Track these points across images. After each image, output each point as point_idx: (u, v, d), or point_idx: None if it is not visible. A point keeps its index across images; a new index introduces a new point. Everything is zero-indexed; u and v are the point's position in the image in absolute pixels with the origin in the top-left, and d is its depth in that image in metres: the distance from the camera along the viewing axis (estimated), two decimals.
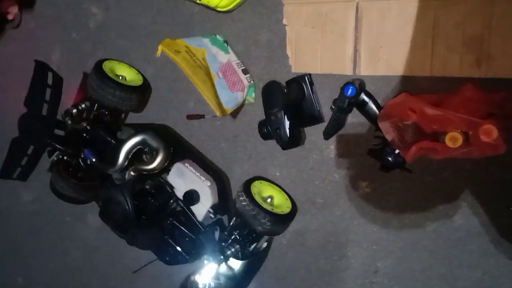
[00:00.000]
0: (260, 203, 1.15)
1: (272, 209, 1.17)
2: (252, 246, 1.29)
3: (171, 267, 1.41)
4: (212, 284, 1.23)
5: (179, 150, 1.37)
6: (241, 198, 1.16)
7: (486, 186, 1.08)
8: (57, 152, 1.36)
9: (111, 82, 1.27)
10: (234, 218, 1.27)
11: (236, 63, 1.26)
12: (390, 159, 1.07)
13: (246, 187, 1.19)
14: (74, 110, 1.33)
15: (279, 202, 1.26)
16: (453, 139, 0.90)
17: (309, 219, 1.30)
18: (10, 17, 1.53)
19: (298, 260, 1.34)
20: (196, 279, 1.26)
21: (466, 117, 0.88)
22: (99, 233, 1.68)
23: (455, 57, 1.02)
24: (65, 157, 1.37)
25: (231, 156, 1.38)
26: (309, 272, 1.33)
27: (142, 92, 1.39)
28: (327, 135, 1.20)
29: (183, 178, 1.32)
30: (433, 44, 1.04)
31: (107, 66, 1.33)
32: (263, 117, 1.21)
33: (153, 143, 1.29)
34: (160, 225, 1.33)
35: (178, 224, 1.33)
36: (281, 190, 1.30)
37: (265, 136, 1.23)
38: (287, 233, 1.32)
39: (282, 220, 1.19)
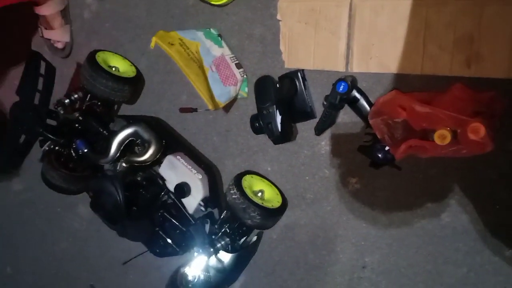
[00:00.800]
0: (251, 197, 1.16)
1: (262, 203, 1.18)
2: (242, 240, 1.30)
3: (161, 259, 1.42)
4: (202, 276, 1.24)
5: (171, 142, 1.37)
6: (231, 192, 1.17)
7: (473, 184, 1.10)
8: (49, 142, 1.35)
9: (104, 73, 1.27)
10: (225, 212, 1.28)
11: (230, 57, 1.26)
12: (380, 155, 1.09)
13: (237, 181, 1.20)
14: (67, 100, 1.33)
15: (270, 196, 1.27)
16: (442, 137, 0.91)
17: (299, 214, 1.31)
18: (59, 45, 1.52)
19: (287, 255, 1.35)
20: (185, 271, 1.26)
21: (454, 115, 0.89)
22: (89, 224, 1.68)
23: (445, 56, 1.03)
24: (56, 147, 1.37)
25: (222, 150, 1.39)
26: (298, 266, 1.34)
27: (135, 84, 1.39)
28: (318, 131, 1.21)
29: (175, 171, 1.33)
30: (425, 43, 1.05)
31: (100, 57, 1.33)
32: (256, 111, 1.22)
33: (145, 135, 1.29)
34: (151, 217, 1.33)
35: (168, 216, 1.33)
36: (271, 184, 1.30)
37: (256, 130, 1.24)
38: (277, 227, 1.33)
39: (272, 214, 1.20)
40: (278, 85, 1.20)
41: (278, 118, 1.15)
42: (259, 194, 1.25)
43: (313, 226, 1.29)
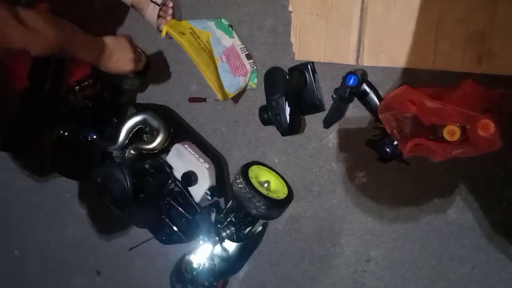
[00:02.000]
0: (257, 187, 1.17)
1: (268, 194, 1.19)
2: (247, 229, 1.31)
3: (167, 246, 1.43)
4: (207, 264, 1.25)
5: (180, 131, 1.38)
6: (238, 181, 1.18)
7: (480, 181, 1.10)
8: (58, 127, 1.37)
9: None
10: (231, 201, 1.29)
11: (240, 48, 1.26)
12: (388, 150, 1.09)
13: (244, 171, 1.21)
14: (77, 87, 1.34)
15: (276, 187, 1.27)
16: (451, 133, 0.91)
17: (305, 206, 1.31)
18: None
19: (292, 246, 1.36)
20: (191, 259, 1.28)
21: (464, 111, 0.89)
22: (97, 210, 1.70)
23: (457, 52, 1.03)
24: (66, 133, 1.38)
25: (230, 141, 1.39)
26: (303, 258, 1.35)
27: (145, 72, 1.39)
28: (327, 123, 1.21)
29: (182, 159, 1.34)
30: (436, 38, 1.04)
31: None
32: (265, 103, 1.22)
33: (154, 123, 1.30)
34: (157, 204, 1.34)
35: (175, 204, 1.35)
36: (278, 176, 1.31)
37: (265, 121, 1.24)
38: (282, 219, 1.34)
39: (277, 205, 1.21)
40: (287, 77, 1.21)
41: (287, 110, 1.15)
42: (265, 184, 1.26)
43: (319, 219, 1.30)
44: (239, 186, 1.17)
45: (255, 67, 1.28)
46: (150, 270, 1.65)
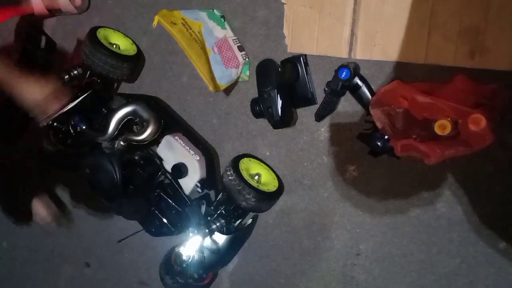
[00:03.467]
0: (247, 179, 1.17)
1: (258, 186, 1.18)
2: (237, 222, 1.31)
3: (157, 239, 1.43)
4: (196, 256, 1.24)
5: (170, 123, 1.37)
6: (228, 173, 1.18)
7: (470, 176, 1.10)
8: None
9: (103, 49, 1.27)
10: (221, 194, 1.29)
11: (232, 39, 1.25)
12: (379, 144, 1.09)
13: (235, 163, 1.20)
14: (66, 76, 1.32)
15: (266, 180, 1.27)
16: (442, 127, 0.91)
17: (295, 199, 1.31)
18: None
19: (282, 239, 1.36)
20: (180, 251, 1.27)
21: (456, 106, 0.89)
22: (86, 201, 1.68)
23: (450, 47, 1.03)
24: (55, 123, 1.36)
25: (222, 133, 1.38)
26: (292, 251, 1.35)
27: (135, 62, 1.38)
28: (318, 117, 1.20)
29: (173, 151, 1.33)
30: (429, 32, 1.04)
31: (101, 33, 1.32)
32: (257, 95, 1.22)
33: (144, 114, 1.29)
34: (147, 196, 1.33)
35: (165, 196, 1.34)
36: (269, 169, 1.31)
37: (256, 114, 1.23)
38: (273, 212, 1.34)
39: (267, 198, 1.21)
40: (280, 69, 1.20)
41: (279, 103, 1.15)
42: (256, 177, 1.25)
43: (309, 212, 1.30)
44: (230, 178, 1.17)
45: (247, 59, 1.26)
46: (139, 262, 1.65)
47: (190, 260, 1.25)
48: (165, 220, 1.32)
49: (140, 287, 1.67)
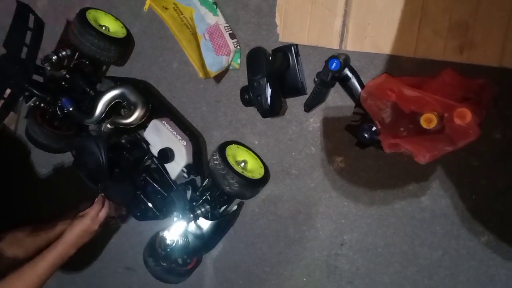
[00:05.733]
0: (232, 165, 1.17)
1: (243, 172, 1.19)
2: (222, 208, 1.32)
3: (143, 224, 1.43)
4: (180, 241, 1.25)
5: (158, 107, 1.37)
6: (214, 158, 1.18)
7: (455, 170, 1.12)
8: (34, 98, 1.33)
9: (92, 30, 1.26)
10: (207, 180, 1.29)
11: (224, 27, 1.25)
12: (366, 136, 1.09)
13: (221, 148, 1.21)
14: (54, 57, 1.31)
15: (252, 167, 1.28)
16: (428, 120, 0.92)
17: (282, 189, 1.32)
18: None
19: (268, 228, 1.37)
20: (164, 235, 1.28)
21: (442, 99, 0.90)
22: (72, 185, 1.68)
23: (439, 41, 1.03)
24: (42, 104, 1.35)
25: (211, 121, 1.38)
26: (278, 240, 1.36)
27: (123, 45, 1.37)
28: (307, 107, 1.21)
29: (160, 136, 1.33)
30: (420, 26, 1.05)
31: (91, 14, 1.31)
32: (247, 84, 1.21)
33: (132, 97, 1.29)
34: (133, 180, 1.33)
35: (151, 181, 1.34)
36: (256, 157, 1.31)
37: (246, 102, 1.23)
38: (259, 200, 1.35)
39: (251, 184, 1.21)
40: (270, 58, 1.20)
41: (268, 91, 1.14)
42: (242, 164, 1.26)
43: (296, 202, 1.31)
44: (215, 162, 1.17)
45: (238, 47, 1.26)
46: (125, 247, 1.65)
47: (174, 244, 1.26)
48: (150, 205, 1.32)
49: (126, 272, 1.67)
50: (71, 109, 1.29)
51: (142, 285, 1.65)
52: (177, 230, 1.26)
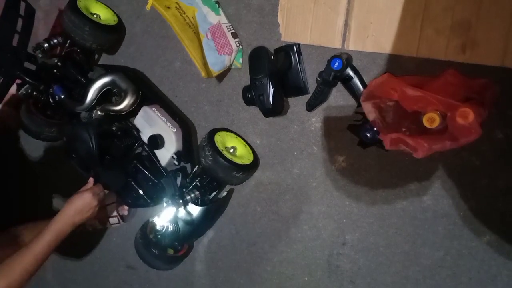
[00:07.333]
0: (221, 150, 1.18)
1: (232, 158, 1.19)
2: (212, 194, 1.32)
3: (143, 222, 1.42)
4: (170, 227, 1.25)
5: (148, 94, 1.37)
6: (204, 143, 1.20)
7: (457, 170, 1.11)
8: (26, 86, 1.33)
9: (82, 18, 1.27)
10: (197, 166, 1.30)
11: (226, 26, 1.25)
12: (368, 135, 1.09)
13: (211, 134, 1.22)
14: (46, 45, 1.31)
15: (242, 154, 1.28)
16: (430, 120, 0.92)
17: (284, 188, 1.32)
18: None
19: (270, 227, 1.37)
20: (154, 221, 1.28)
21: (444, 99, 0.90)
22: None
23: (441, 41, 1.03)
24: (34, 92, 1.35)
25: (213, 120, 1.38)
26: (279, 239, 1.36)
27: (115, 33, 1.38)
28: (309, 107, 1.21)
29: (150, 122, 1.33)
30: (422, 25, 1.05)
31: (82, 2, 1.33)
32: (249, 83, 1.21)
33: (122, 84, 1.29)
34: (124, 167, 1.34)
35: (141, 168, 1.34)
36: (246, 144, 1.32)
37: (248, 101, 1.24)
38: (261, 200, 1.35)
39: (239, 170, 1.21)
40: (273, 58, 1.20)
41: (271, 91, 1.15)
42: (231, 150, 1.27)
43: (298, 201, 1.31)
44: (204, 148, 1.18)
45: (240, 46, 1.26)
46: (126, 246, 1.65)
47: (164, 230, 1.26)
48: (141, 192, 1.33)
49: (127, 271, 1.67)
50: (62, 96, 1.29)
51: (143, 283, 1.65)
52: (167, 216, 1.27)
